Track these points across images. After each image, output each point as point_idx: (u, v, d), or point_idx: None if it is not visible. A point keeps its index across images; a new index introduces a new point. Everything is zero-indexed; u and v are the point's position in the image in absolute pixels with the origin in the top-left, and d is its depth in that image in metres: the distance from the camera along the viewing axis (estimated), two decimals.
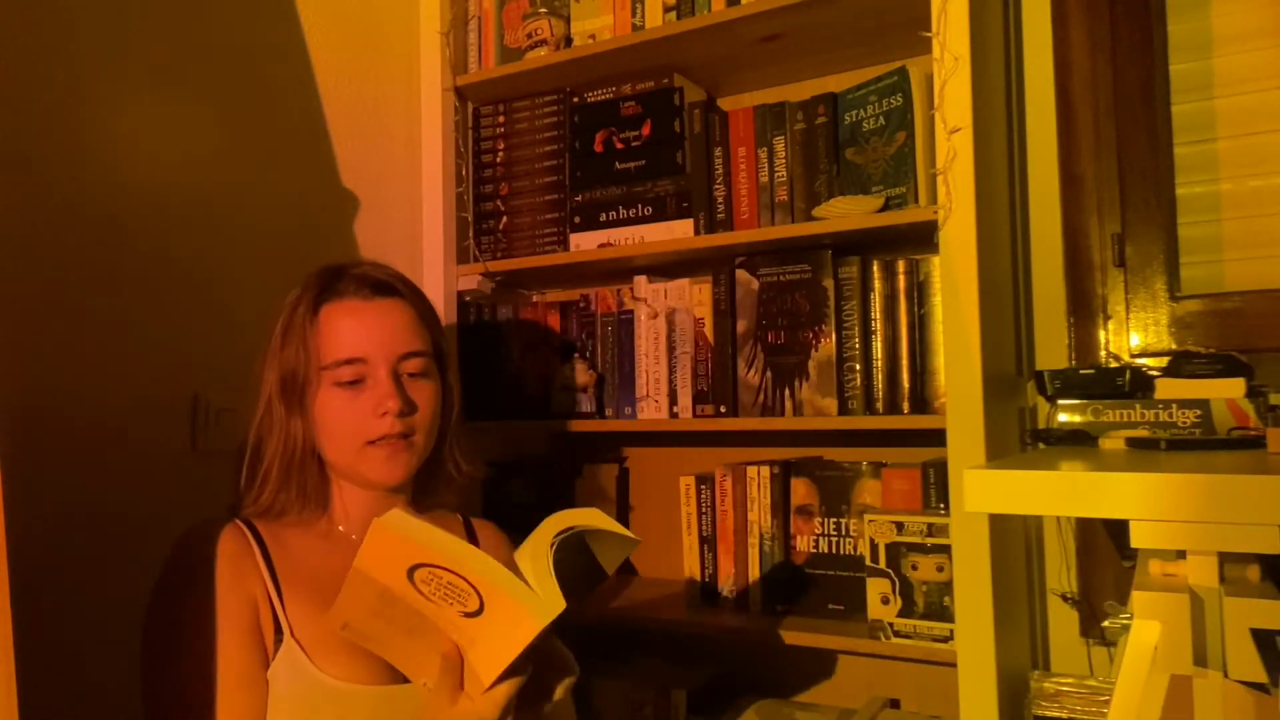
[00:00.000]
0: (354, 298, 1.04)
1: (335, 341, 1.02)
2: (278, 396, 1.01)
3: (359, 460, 1.01)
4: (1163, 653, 0.67)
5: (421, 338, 1.06)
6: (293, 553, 1.01)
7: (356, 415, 1.01)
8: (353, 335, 1.02)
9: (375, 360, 1.01)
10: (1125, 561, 1.38)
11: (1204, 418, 1.14)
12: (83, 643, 1.12)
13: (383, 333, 1.03)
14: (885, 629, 1.33)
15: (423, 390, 1.05)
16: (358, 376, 1.01)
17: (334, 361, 1.01)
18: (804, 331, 1.44)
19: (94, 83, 1.18)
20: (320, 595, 0.97)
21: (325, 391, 1.01)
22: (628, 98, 1.61)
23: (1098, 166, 1.44)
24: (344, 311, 1.03)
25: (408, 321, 1.05)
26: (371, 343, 1.02)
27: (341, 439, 1.01)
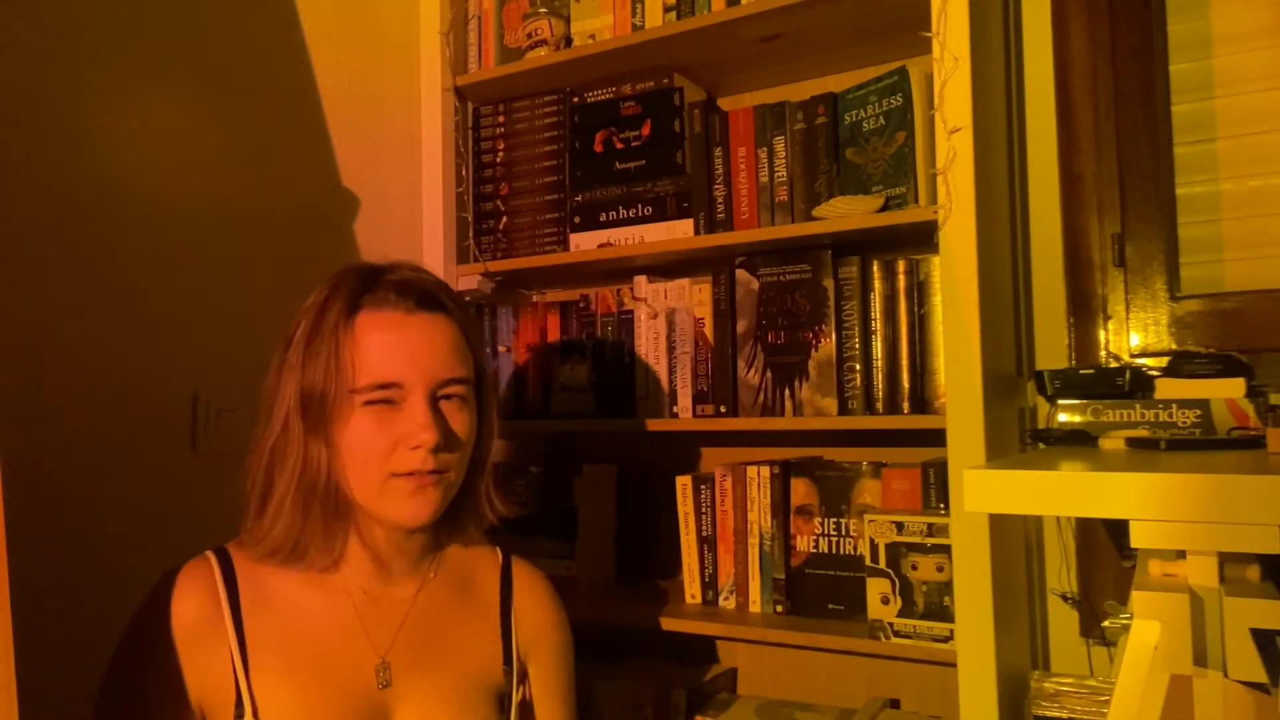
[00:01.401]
0: (395, 309, 0.90)
1: (371, 361, 0.88)
2: (297, 414, 0.88)
3: (382, 494, 0.88)
4: (1163, 653, 0.67)
5: (465, 362, 0.93)
6: (273, 607, 0.89)
7: (385, 442, 0.88)
8: (392, 355, 0.88)
9: (413, 385, 0.89)
10: (1125, 561, 1.38)
11: (1204, 418, 1.14)
12: (83, 643, 1.12)
13: (426, 354, 0.89)
14: (885, 629, 1.33)
15: (461, 421, 0.92)
16: (391, 399, 0.89)
17: (368, 385, 0.88)
18: (804, 331, 1.44)
19: (94, 83, 1.18)
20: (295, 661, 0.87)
21: (356, 413, 0.88)
22: (628, 98, 1.61)
23: (1098, 166, 1.44)
24: (383, 325, 0.89)
25: (453, 342, 0.92)
26: (412, 365, 0.89)
27: (365, 468, 0.88)
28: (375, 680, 0.90)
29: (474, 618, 1.00)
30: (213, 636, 0.86)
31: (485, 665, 0.98)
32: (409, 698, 0.91)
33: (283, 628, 0.88)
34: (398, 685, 0.91)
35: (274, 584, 0.90)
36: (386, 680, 0.90)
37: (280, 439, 0.89)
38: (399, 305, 0.90)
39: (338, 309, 0.89)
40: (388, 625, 0.93)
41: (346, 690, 0.88)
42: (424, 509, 0.89)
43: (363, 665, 0.90)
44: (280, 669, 0.86)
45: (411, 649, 0.93)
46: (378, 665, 0.91)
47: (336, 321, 0.89)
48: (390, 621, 0.93)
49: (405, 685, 0.91)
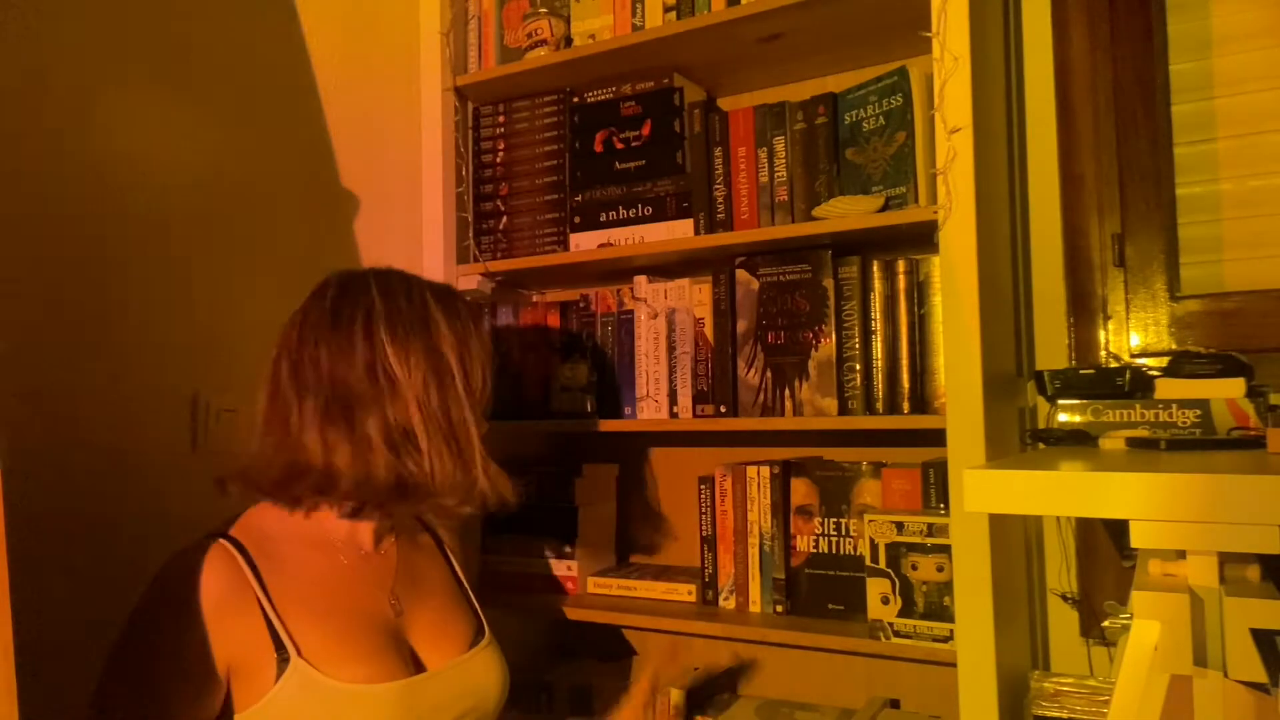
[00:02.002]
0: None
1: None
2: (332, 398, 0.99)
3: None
4: (1163, 653, 0.67)
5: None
6: (287, 568, 0.99)
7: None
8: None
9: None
10: (1125, 561, 1.38)
11: (1204, 418, 1.14)
12: (83, 643, 1.12)
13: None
14: (885, 629, 1.33)
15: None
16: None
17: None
18: (804, 331, 1.44)
19: (94, 83, 1.18)
20: (322, 606, 0.99)
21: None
22: (628, 98, 1.61)
23: (1098, 166, 1.44)
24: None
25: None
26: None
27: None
28: (391, 610, 1.06)
29: (427, 554, 1.20)
30: (242, 600, 0.94)
31: (450, 585, 1.19)
32: (417, 617, 1.08)
33: (302, 583, 0.99)
34: (407, 610, 1.07)
35: (281, 551, 1.00)
36: (399, 609, 1.07)
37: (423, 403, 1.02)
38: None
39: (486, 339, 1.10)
40: (385, 571, 1.09)
41: (373, 620, 1.03)
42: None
43: (379, 600, 1.05)
44: (308, 612, 0.97)
45: (406, 584, 1.10)
46: (390, 597, 1.07)
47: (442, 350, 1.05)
48: (386, 568, 1.09)
49: (411, 610, 1.08)
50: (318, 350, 0.99)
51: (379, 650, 1.00)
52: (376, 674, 0.97)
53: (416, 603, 1.10)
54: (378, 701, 0.96)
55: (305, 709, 0.93)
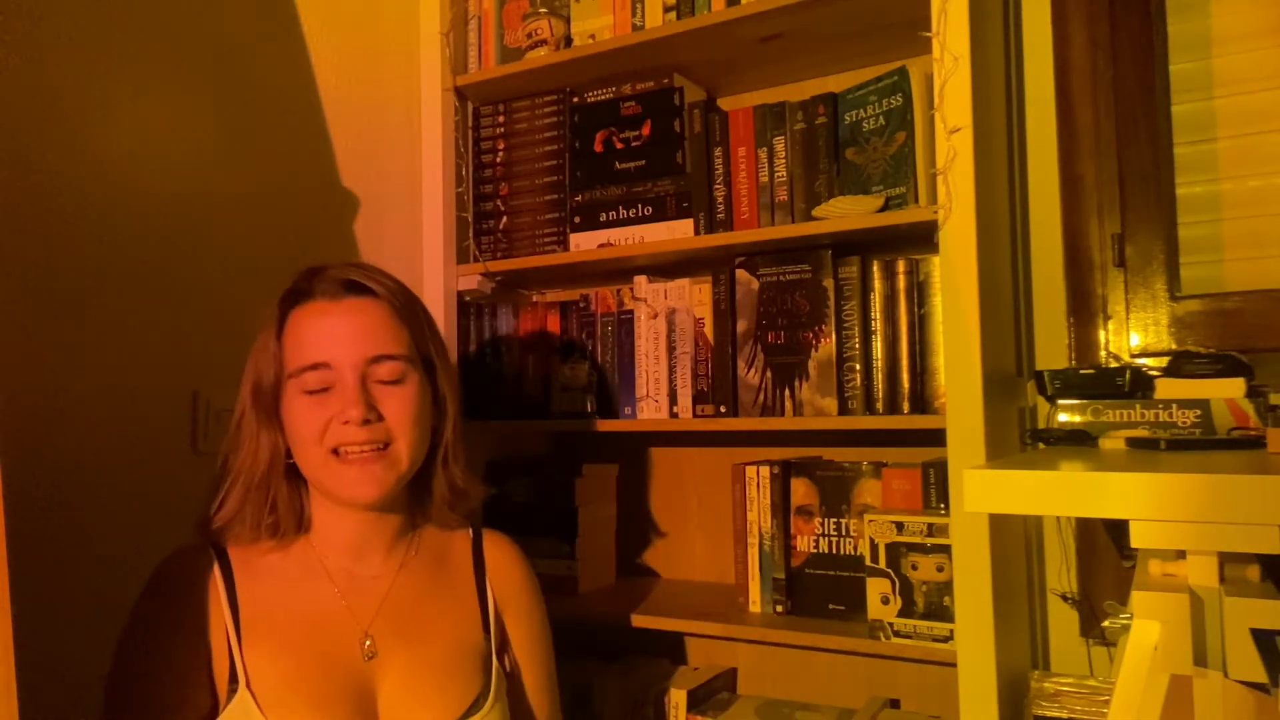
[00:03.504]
0: (322, 298, 0.97)
1: (300, 346, 0.96)
2: (250, 407, 0.97)
3: (327, 474, 0.95)
4: (1163, 653, 0.67)
5: (396, 339, 0.98)
6: (263, 586, 0.95)
7: (319, 423, 0.94)
8: (316, 338, 0.95)
9: (341, 365, 0.94)
10: (1125, 561, 1.38)
11: (1204, 418, 1.14)
12: (83, 643, 1.12)
13: (349, 335, 0.95)
14: (885, 629, 1.33)
15: (397, 396, 0.96)
16: (325, 384, 0.95)
17: (298, 368, 0.95)
18: (804, 331, 1.44)
19: (94, 83, 1.18)
20: (286, 636, 0.93)
21: (292, 400, 0.95)
22: (628, 98, 1.61)
23: (1098, 166, 1.44)
24: (310, 314, 0.97)
25: (379, 321, 0.97)
26: (337, 346, 0.95)
27: (308, 450, 0.95)
28: (361, 652, 0.95)
29: (451, 589, 1.05)
30: (210, 610, 0.92)
31: (465, 633, 1.03)
32: (393, 668, 0.96)
33: (272, 605, 0.94)
34: (382, 656, 0.96)
35: (263, 564, 0.97)
36: (372, 652, 0.96)
37: (236, 432, 0.98)
38: (325, 294, 0.97)
39: (277, 306, 0.99)
40: (369, 601, 0.99)
41: (334, 662, 0.93)
42: (370, 486, 0.94)
43: (348, 638, 0.95)
44: (271, 642, 0.92)
45: (393, 623, 0.98)
46: (362, 638, 0.96)
47: (274, 317, 0.98)
48: (372, 598, 0.99)
49: (389, 656, 0.96)
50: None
51: (330, 700, 0.91)
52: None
53: (401, 648, 0.97)
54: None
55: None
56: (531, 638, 1.11)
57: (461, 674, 0.98)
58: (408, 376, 0.98)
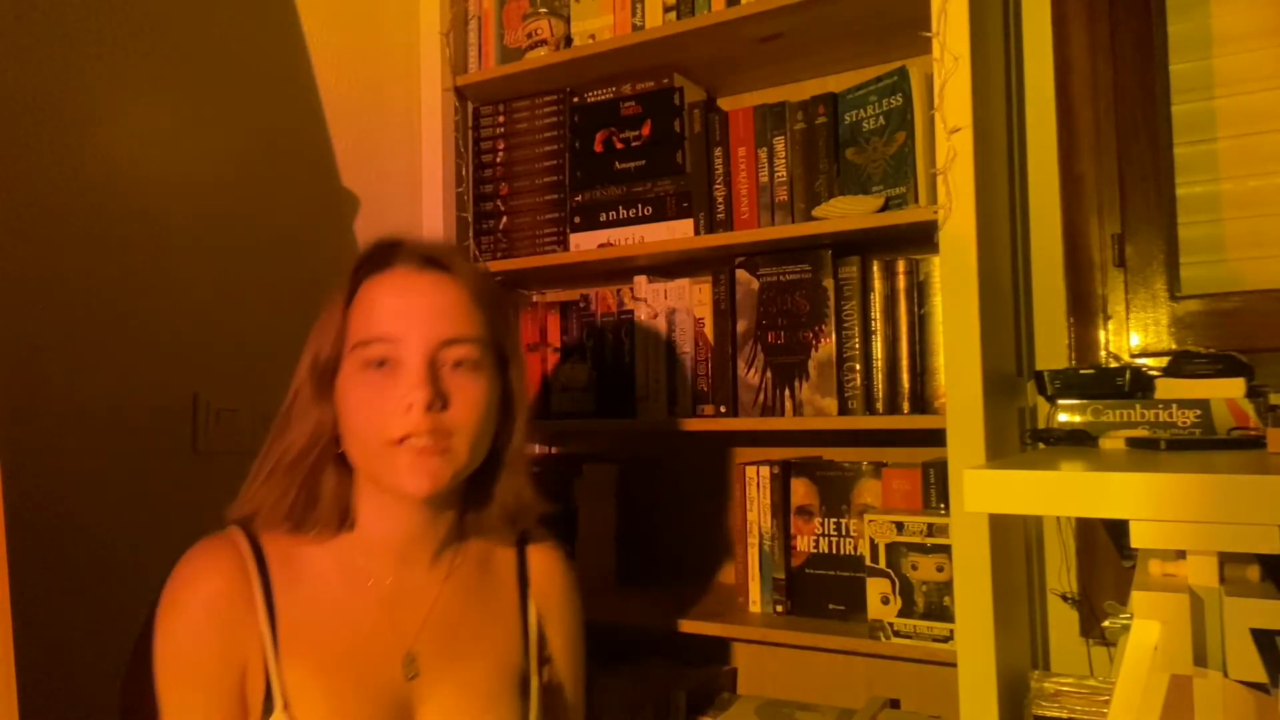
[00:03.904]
0: (400, 269, 0.89)
1: (368, 316, 0.87)
2: (307, 380, 0.88)
3: (381, 461, 0.86)
4: (1163, 653, 0.67)
5: (473, 323, 0.89)
6: (303, 592, 0.87)
7: (380, 405, 0.85)
8: (387, 310, 0.87)
9: (409, 342, 0.86)
10: (1125, 561, 1.38)
11: (1204, 418, 1.14)
12: (83, 643, 1.12)
13: (424, 312, 0.87)
14: (885, 629, 1.33)
15: (467, 387, 0.88)
16: (386, 357, 0.86)
17: (362, 339, 0.87)
18: (804, 331, 1.44)
19: (94, 83, 1.18)
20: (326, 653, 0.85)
21: (350, 377, 0.87)
22: (628, 98, 1.61)
23: (1098, 166, 1.44)
24: (385, 285, 0.88)
25: (457, 302, 0.89)
26: (409, 321, 0.86)
27: (363, 432, 0.86)
28: (403, 672, 0.88)
29: (495, 603, 0.98)
30: (245, 616, 0.84)
31: (507, 651, 0.96)
32: (436, 689, 0.89)
33: (313, 614, 0.86)
34: (425, 676, 0.89)
35: (302, 563, 0.88)
36: (414, 672, 0.89)
37: (290, 408, 0.89)
38: (402, 267, 0.89)
39: (346, 279, 0.90)
40: (414, 615, 0.91)
41: (376, 684, 0.87)
42: (424, 478, 0.85)
43: (391, 657, 0.89)
44: (312, 660, 0.84)
45: (437, 640, 0.91)
46: (404, 657, 0.89)
47: (345, 291, 0.89)
48: (416, 611, 0.91)
49: (432, 677, 0.90)
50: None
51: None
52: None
53: (444, 669, 0.91)
54: None
55: None
56: (566, 653, 1.04)
57: (503, 698, 0.93)
58: (480, 366, 0.89)
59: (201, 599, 0.83)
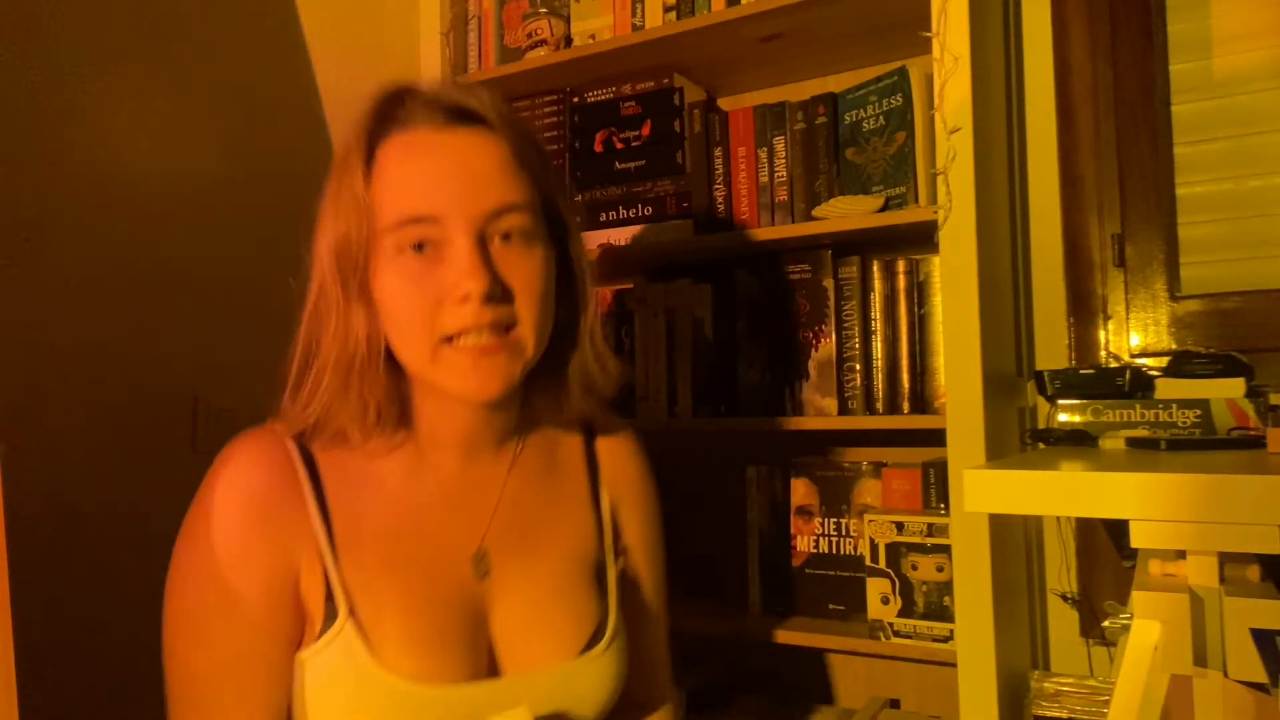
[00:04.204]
0: (420, 128, 0.76)
1: (395, 193, 0.74)
2: (332, 275, 0.75)
3: (436, 365, 0.74)
4: (1163, 653, 0.67)
5: (520, 184, 0.76)
6: (358, 493, 0.77)
7: (427, 299, 0.73)
8: (416, 183, 0.74)
9: (451, 219, 0.73)
10: (1125, 561, 1.38)
11: (1204, 418, 1.14)
12: (83, 643, 1.12)
13: (462, 179, 0.74)
14: (885, 629, 1.33)
15: (525, 265, 0.75)
16: (426, 239, 0.74)
17: (394, 221, 0.73)
18: (804, 331, 1.44)
19: (94, 83, 1.18)
20: (389, 553, 0.76)
21: (387, 267, 0.74)
22: (628, 98, 1.60)
23: (1098, 166, 1.44)
24: (406, 149, 0.75)
25: (499, 163, 0.75)
26: (445, 193, 0.73)
27: (409, 331, 0.74)
28: (474, 571, 0.80)
29: (564, 492, 0.89)
30: (295, 514, 0.74)
31: (580, 542, 0.87)
32: (508, 588, 0.81)
33: (371, 510, 0.77)
34: (496, 574, 0.81)
35: (355, 465, 0.79)
36: (485, 570, 0.80)
37: (318, 304, 0.77)
38: (427, 124, 0.75)
39: (359, 140, 0.76)
40: (481, 509, 0.82)
41: (445, 584, 0.78)
42: (492, 381, 0.74)
43: (460, 555, 0.80)
44: (373, 558, 0.75)
45: (507, 534, 0.82)
46: (474, 555, 0.80)
47: (357, 155, 0.76)
48: (483, 505, 0.82)
49: (503, 574, 0.81)
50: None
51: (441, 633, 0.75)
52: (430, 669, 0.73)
53: (516, 565, 0.82)
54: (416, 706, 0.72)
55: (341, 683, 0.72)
56: (644, 543, 0.94)
57: (581, 593, 0.83)
58: (534, 237, 0.77)
59: (244, 494, 0.74)
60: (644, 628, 0.95)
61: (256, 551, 0.73)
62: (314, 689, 0.73)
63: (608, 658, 0.82)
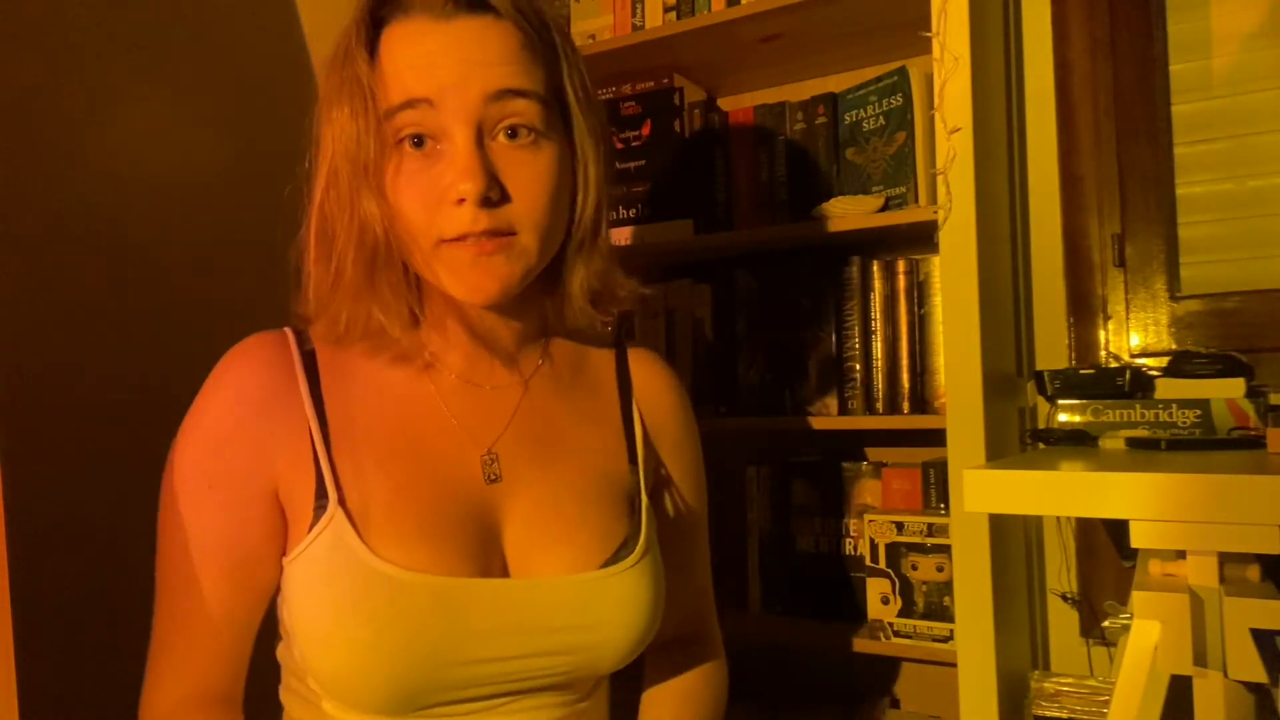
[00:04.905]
0: (421, 14, 0.71)
1: (392, 77, 0.70)
2: (340, 161, 0.73)
3: (438, 263, 0.71)
4: (1163, 653, 0.67)
5: (527, 73, 0.71)
6: (356, 389, 0.76)
7: (425, 200, 0.70)
8: (413, 63, 0.70)
9: (446, 106, 0.69)
10: (1125, 561, 1.38)
11: (1204, 418, 1.14)
12: (83, 643, 1.12)
13: (460, 62, 0.69)
14: (885, 629, 1.33)
15: (529, 166, 0.71)
16: (422, 130, 0.70)
17: (393, 106, 0.70)
18: (804, 331, 1.44)
19: (94, 83, 1.18)
20: (388, 447, 0.74)
21: (391, 156, 0.71)
22: (628, 98, 1.61)
23: (1098, 166, 1.44)
24: (407, 33, 0.71)
25: (502, 48, 0.70)
26: (442, 73, 0.69)
27: (414, 230, 0.71)
28: (482, 473, 0.77)
29: (592, 409, 0.85)
30: (287, 411, 0.74)
31: (610, 462, 0.83)
32: (523, 494, 0.77)
33: (369, 409, 0.76)
34: (508, 480, 0.77)
35: (358, 365, 0.77)
36: (495, 474, 0.77)
37: (328, 196, 0.75)
38: (429, 8, 0.71)
39: (360, 25, 0.74)
40: (495, 415, 0.79)
41: (449, 482, 0.75)
42: (488, 282, 0.71)
43: (467, 455, 0.77)
44: (368, 453, 0.74)
45: (523, 441, 0.79)
46: (484, 457, 0.77)
47: (358, 40, 0.73)
48: (498, 411, 0.79)
49: (517, 480, 0.77)
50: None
51: (443, 527, 0.72)
52: (420, 559, 0.69)
53: (533, 470, 0.78)
54: (406, 594, 0.68)
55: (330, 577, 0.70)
56: (686, 476, 0.91)
57: (606, 509, 0.79)
58: (542, 136, 0.72)
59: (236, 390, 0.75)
60: (688, 563, 0.91)
61: (244, 441, 0.74)
62: (304, 585, 0.71)
63: (635, 575, 0.77)
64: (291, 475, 0.73)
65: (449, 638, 0.70)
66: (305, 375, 0.76)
